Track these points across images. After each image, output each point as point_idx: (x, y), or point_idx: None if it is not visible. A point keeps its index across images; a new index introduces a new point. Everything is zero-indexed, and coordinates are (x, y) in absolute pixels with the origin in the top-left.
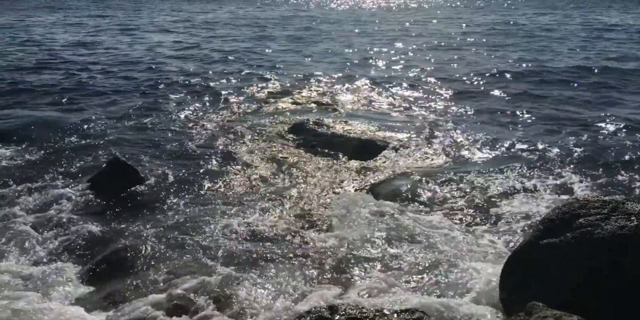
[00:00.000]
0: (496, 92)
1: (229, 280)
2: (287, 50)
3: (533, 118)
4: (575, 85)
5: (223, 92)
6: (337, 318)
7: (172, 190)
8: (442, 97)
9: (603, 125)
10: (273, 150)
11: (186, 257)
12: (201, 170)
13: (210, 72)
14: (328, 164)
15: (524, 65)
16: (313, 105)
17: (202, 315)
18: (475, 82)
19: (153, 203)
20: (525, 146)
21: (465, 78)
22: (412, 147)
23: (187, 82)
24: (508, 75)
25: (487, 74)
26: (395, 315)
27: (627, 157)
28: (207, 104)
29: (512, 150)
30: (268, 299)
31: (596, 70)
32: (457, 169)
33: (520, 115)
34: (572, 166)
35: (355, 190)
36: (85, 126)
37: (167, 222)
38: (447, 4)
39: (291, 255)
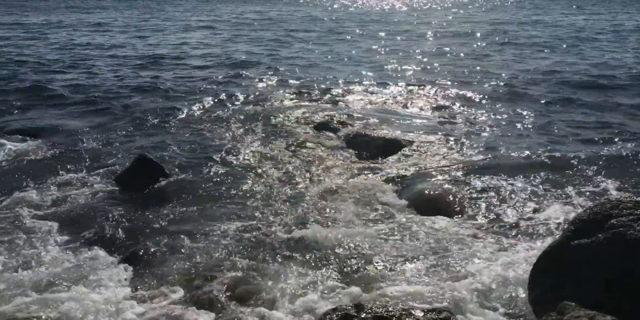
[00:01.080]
0: (526, 95)
1: (252, 276)
2: (312, 50)
3: (563, 121)
4: (610, 89)
5: (246, 92)
6: (363, 316)
7: (196, 186)
8: (469, 99)
9: (636, 131)
10: (296, 148)
11: (209, 253)
12: (224, 168)
13: (233, 72)
14: (352, 162)
15: (556, 68)
16: (337, 104)
17: (226, 310)
18: (504, 85)
19: (178, 199)
20: (553, 149)
21: (494, 80)
22: (436, 147)
23: (210, 81)
24: (539, 78)
25: (516, 77)
26: (422, 314)
27: None
28: (230, 103)
29: (540, 153)
30: (293, 296)
31: (629, 74)
32: (483, 171)
33: (550, 118)
34: (602, 170)
35: (379, 189)
36: (111, 124)
37: (192, 217)
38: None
39: (316, 252)
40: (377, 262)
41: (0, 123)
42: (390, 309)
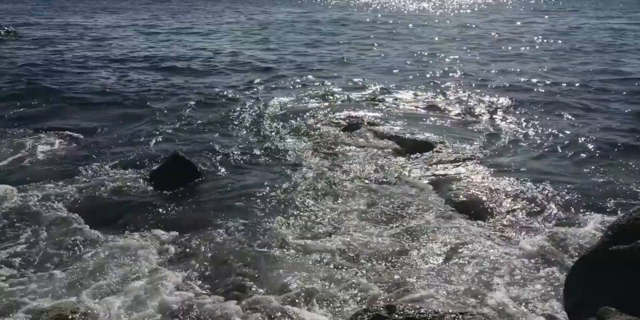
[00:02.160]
0: (564, 101)
1: (281, 274)
2: (341, 52)
3: (598, 127)
4: None
5: (275, 95)
6: (394, 318)
7: (227, 185)
8: (504, 104)
9: None
10: (325, 148)
11: (238, 250)
12: (255, 168)
13: (262, 75)
14: (382, 163)
15: (591, 73)
16: (367, 106)
17: (254, 306)
18: (541, 90)
19: (209, 196)
20: (586, 154)
21: (529, 85)
22: (468, 150)
23: (240, 85)
24: (576, 84)
25: (551, 82)
26: (455, 317)
27: None
28: (260, 105)
29: (573, 158)
30: (323, 295)
31: None
32: (514, 174)
33: (586, 124)
34: (638, 176)
35: (409, 189)
36: (143, 124)
37: (222, 214)
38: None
39: (347, 252)
40: (410, 263)
41: (36, 122)
42: (422, 311)
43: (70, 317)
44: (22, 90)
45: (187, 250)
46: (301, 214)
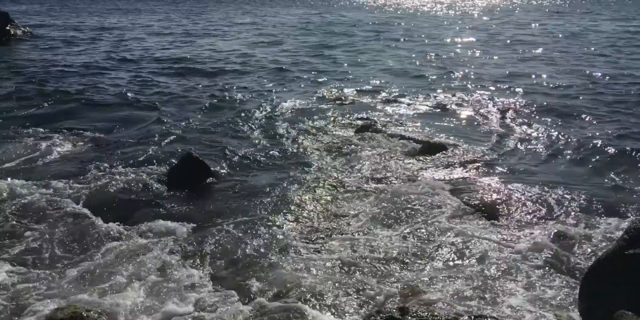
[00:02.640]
0: (574, 105)
1: (294, 275)
2: (356, 54)
3: (613, 133)
4: None
5: (288, 97)
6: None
7: (239, 185)
8: (516, 106)
9: None
10: (340, 148)
11: (251, 249)
12: (268, 169)
13: (275, 77)
14: (396, 164)
15: (606, 77)
16: (380, 109)
17: (266, 305)
18: (556, 94)
19: (222, 195)
20: (598, 159)
21: (545, 89)
22: (480, 152)
23: (253, 86)
24: (591, 88)
25: (566, 85)
26: None
27: None
28: (273, 107)
29: (582, 163)
30: (337, 296)
31: None
32: (526, 178)
33: (599, 129)
34: None
35: (421, 191)
36: (158, 125)
37: (235, 213)
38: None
39: (359, 252)
40: (422, 265)
41: (51, 122)
42: (435, 313)
43: (84, 314)
44: (36, 91)
45: (199, 249)
46: (312, 214)
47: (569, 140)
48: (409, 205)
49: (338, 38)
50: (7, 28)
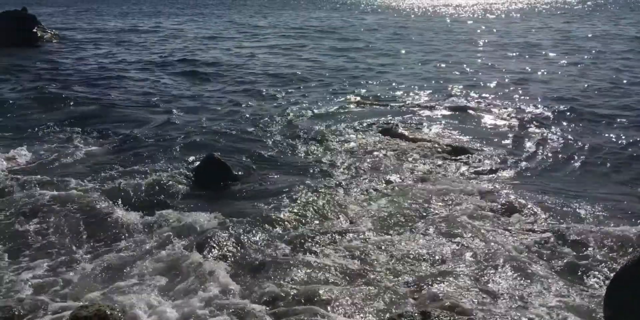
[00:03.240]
0: (600, 113)
1: (312, 277)
2: (375, 56)
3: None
4: None
5: (310, 100)
6: None
7: (260, 186)
8: (539, 110)
9: None
10: (361, 151)
11: (270, 252)
12: (287, 170)
13: (297, 80)
14: (416, 166)
15: (632, 83)
16: (402, 110)
17: (285, 308)
18: (577, 99)
19: (243, 197)
20: (623, 165)
21: (566, 92)
22: (503, 157)
23: (273, 88)
24: (616, 93)
25: (595, 91)
26: None
27: None
28: (295, 110)
29: (607, 169)
30: (357, 299)
31: None
32: (547, 182)
33: (625, 136)
34: None
35: (442, 193)
36: (181, 128)
37: (255, 215)
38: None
39: (378, 254)
40: (442, 268)
41: (77, 123)
42: (456, 318)
43: (108, 312)
44: (60, 93)
45: (217, 250)
46: (331, 217)
47: (590, 145)
48: (428, 208)
49: (359, 41)
50: (34, 30)
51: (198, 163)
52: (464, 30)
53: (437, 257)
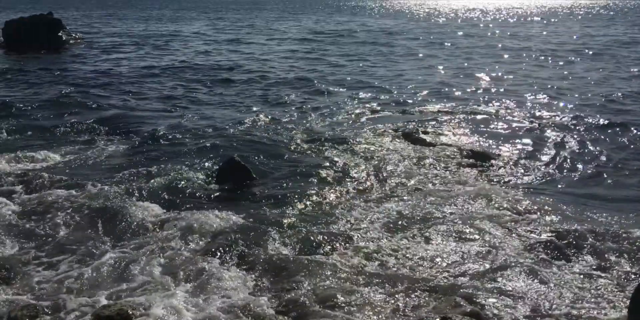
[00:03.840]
0: (631, 120)
1: (332, 282)
2: (399, 62)
3: None
4: None
5: (331, 105)
6: None
7: (279, 189)
8: (565, 117)
9: None
10: (380, 156)
11: (290, 256)
12: (305, 173)
13: (316, 85)
14: (436, 172)
15: None
16: (423, 116)
17: (310, 313)
18: (606, 106)
19: (262, 200)
20: None
21: (597, 99)
22: (526, 164)
23: (293, 93)
24: None
25: (623, 98)
26: None
27: None
28: (315, 114)
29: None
30: (376, 304)
31: None
32: (566, 189)
33: None
34: None
35: (462, 199)
36: (202, 130)
37: (274, 219)
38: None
39: (397, 258)
40: (463, 273)
41: (100, 126)
42: None
43: (130, 312)
44: (83, 96)
45: (236, 252)
46: (349, 220)
47: (615, 153)
48: (449, 214)
49: (380, 46)
50: (59, 34)
51: (219, 165)
52: (485, 34)
53: (455, 262)
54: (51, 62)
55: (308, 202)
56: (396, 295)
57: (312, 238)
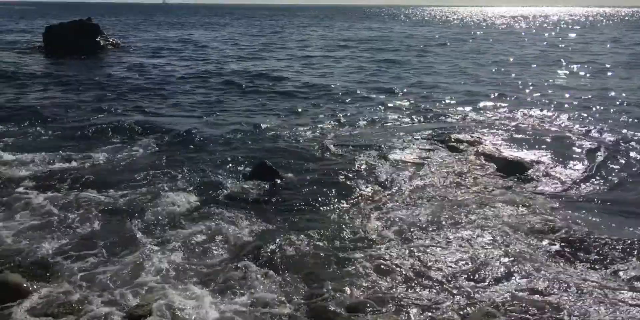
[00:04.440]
0: None
1: (361, 289)
2: (433, 67)
3: None
4: None
5: (363, 111)
6: None
7: (307, 194)
8: (604, 126)
9: None
10: (410, 162)
11: (318, 260)
12: (335, 178)
13: (349, 91)
14: (468, 181)
15: None
16: (459, 123)
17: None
18: None
19: (292, 202)
20: None
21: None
22: (563, 175)
23: (322, 102)
24: None
25: None
26: None
27: None
28: (344, 121)
29: None
30: (405, 310)
31: None
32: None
33: None
34: None
35: (493, 210)
36: (234, 135)
37: (302, 221)
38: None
39: (424, 264)
40: (498, 285)
41: (133, 129)
42: None
43: (160, 313)
44: (119, 100)
45: (263, 255)
46: (375, 226)
47: None
48: (479, 223)
49: (411, 52)
50: (97, 39)
51: (250, 168)
52: (519, 42)
53: (485, 272)
54: (89, 67)
55: (336, 207)
56: (427, 303)
57: (335, 244)
